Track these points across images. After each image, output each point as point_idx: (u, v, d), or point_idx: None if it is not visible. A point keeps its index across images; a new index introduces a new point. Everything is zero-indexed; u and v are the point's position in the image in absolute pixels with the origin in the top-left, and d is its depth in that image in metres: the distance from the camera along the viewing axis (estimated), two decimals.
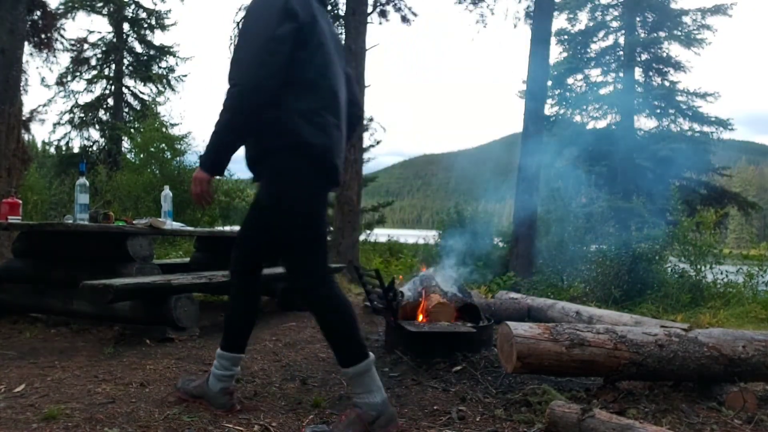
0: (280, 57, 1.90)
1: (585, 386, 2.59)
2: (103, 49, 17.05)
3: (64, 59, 16.35)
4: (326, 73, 2.05)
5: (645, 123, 16.05)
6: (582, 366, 2.35)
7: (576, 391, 2.51)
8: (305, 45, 1.98)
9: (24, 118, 9.42)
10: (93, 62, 17.02)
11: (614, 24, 16.40)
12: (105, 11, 16.72)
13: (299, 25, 1.94)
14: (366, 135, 15.18)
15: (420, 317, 3.36)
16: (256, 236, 2.20)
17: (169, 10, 17.90)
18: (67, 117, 16.67)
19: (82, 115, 16.83)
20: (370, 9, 9.13)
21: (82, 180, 3.68)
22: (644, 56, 15.94)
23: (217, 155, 1.99)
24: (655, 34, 15.63)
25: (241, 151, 2.08)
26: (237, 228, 3.40)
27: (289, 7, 1.93)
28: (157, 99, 17.52)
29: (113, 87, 17.21)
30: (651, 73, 16.04)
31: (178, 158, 12.42)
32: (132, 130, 15.55)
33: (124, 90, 17.40)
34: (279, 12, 1.92)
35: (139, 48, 17.54)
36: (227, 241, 3.73)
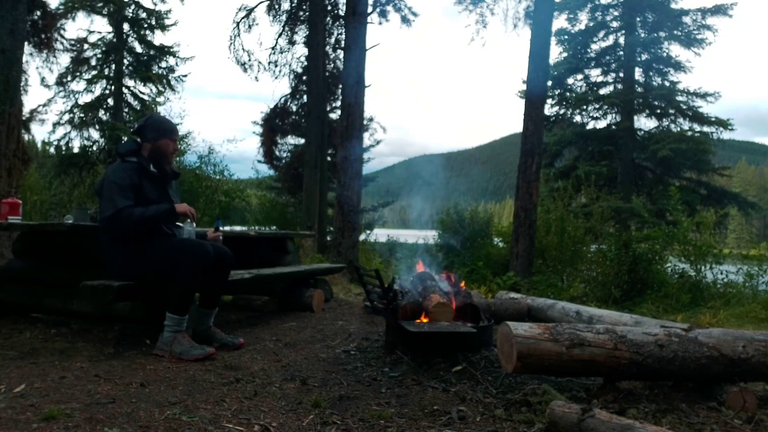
0: None
1: (585, 386, 2.59)
2: (103, 49, 17.00)
3: (64, 59, 16.24)
4: None
5: (645, 123, 16.06)
6: (582, 366, 2.35)
7: (576, 391, 2.51)
8: None
9: (24, 118, 9.43)
10: (93, 62, 16.97)
11: (614, 24, 16.40)
12: (105, 11, 16.66)
13: None
14: (366, 135, 15.20)
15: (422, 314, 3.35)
16: None
17: (169, 10, 17.75)
18: (67, 117, 16.61)
19: (82, 115, 16.77)
20: (370, 9, 9.13)
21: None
22: (644, 56, 15.93)
23: None
24: (655, 34, 15.62)
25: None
26: (237, 228, 3.50)
27: None
28: (157, 99, 17.50)
29: (113, 87, 17.17)
30: (651, 73, 16.04)
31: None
32: (132, 131, 15.50)
33: (124, 90, 17.36)
34: None
35: (139, 48, 17.50)
36: (227, 241, 3.72)
